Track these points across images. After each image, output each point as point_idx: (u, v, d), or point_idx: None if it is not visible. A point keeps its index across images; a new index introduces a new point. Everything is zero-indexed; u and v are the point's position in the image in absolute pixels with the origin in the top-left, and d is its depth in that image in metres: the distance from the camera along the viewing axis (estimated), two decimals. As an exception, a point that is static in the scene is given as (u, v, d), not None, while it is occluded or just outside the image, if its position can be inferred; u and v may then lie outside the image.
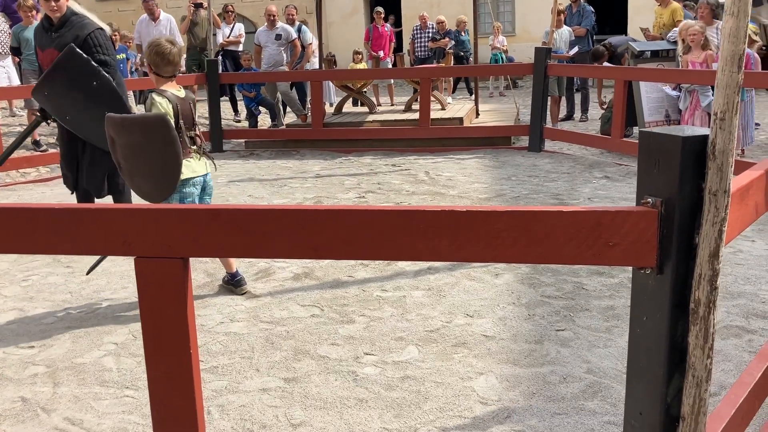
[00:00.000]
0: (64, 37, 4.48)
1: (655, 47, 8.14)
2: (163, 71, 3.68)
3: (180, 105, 3.61)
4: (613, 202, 5.63)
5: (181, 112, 3.61)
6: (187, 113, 3.68)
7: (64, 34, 4.49)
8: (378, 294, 3.86)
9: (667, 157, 1.45)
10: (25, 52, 8.66)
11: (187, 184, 3.66)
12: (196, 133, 3.73)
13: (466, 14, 15.72)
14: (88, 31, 4.47)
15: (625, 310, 3.40)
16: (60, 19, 4.52)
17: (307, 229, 1.69)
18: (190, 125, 3.70)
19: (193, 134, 3.70)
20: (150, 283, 1.78)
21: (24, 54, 8.66)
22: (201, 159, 3.74)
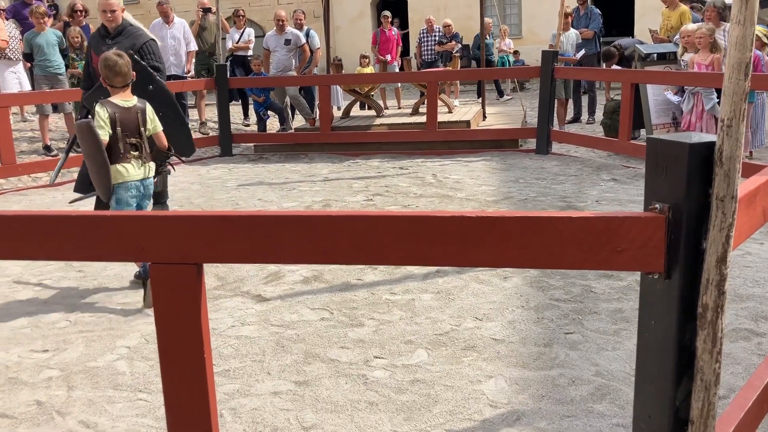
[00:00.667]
0: (121, 44, 4.77)
1: (661, 50, 8.14)
2: (114, 82, 4.02)
3: (120, 114, 3.95)
4: (621, 205, 5.63)
5: (120, 121, 3.94)
6: (130, 122, 4.00)
7: (120, 42, 4.79)
8: (387, 297, 3.88)
9: (674, 164, 1.47)
10: (37, 58, 8.73)
11: (121, 188, 3.99)
12: (139, 140, 4.03)
13: (473, 17, 15.74)
14: (143, 41, 4.84)
15: (634, 313, 3.41)
16: (116, 29, 4.87)
17: (318, 235, 1.72)
18: (132, 133, 4.00)
19: (134, 141, 4.01)
20: (164, 288, 1.81)
21: (36, 60, 8.73)
22: (142, 165, 4.05)
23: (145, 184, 4.09)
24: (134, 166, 4.01)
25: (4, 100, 7.88)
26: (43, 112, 8.67)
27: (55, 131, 9.75)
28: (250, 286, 4.17)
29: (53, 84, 8.79)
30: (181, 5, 19.62)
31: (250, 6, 17.41)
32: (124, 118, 3.97)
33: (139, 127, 4.04)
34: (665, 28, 8.91)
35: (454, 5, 17.77)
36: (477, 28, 10.89)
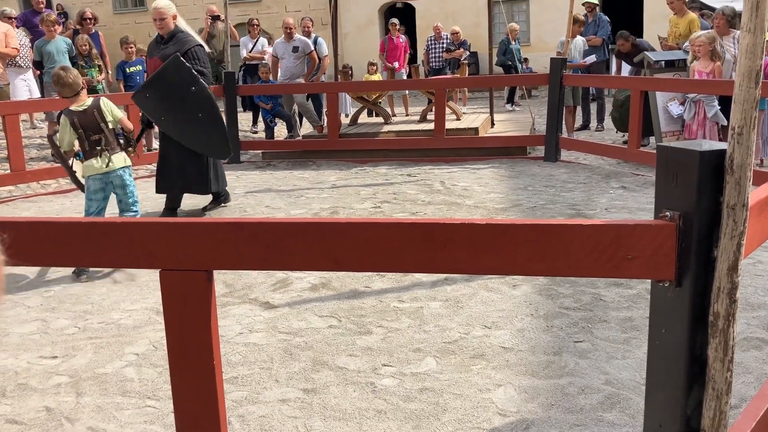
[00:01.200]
0: (169, 49, 5.27)
1: (671, 57, 8.12)
2: (64, 93, 4.63)
3: (77, 117, 4.56)
4: (631, 213, 5.62)
5: (80, 123, 4.54)
6: (88, 121, 4.57)
7: (169, 47, 5.28)
8: (395, 305, 3.88)
9: (684, 171, 1.47)
10: (47, 66, 8.79)
11: (89, 180, 4.63)
12: (101, 135, 4.59)
13: (481, 24, 15.76)
14: (190, 46, 5.28)
15: (644, 322, 3.39)
16: (168, 34, 5.36)
17: (328, 242, 1.72)
18: (94, 130, 4.58)
19: (96, 137, 4.57)
20: (174, 295, 1.81)
21: (46, 68, 8.80)
22: (105, 158, 4.58)
23: (110, 175, 4.65)
24: (99, 161, 4.58)
25: (15, 107, 7.94)
26: (53, 119, 8.72)
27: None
28: (258, 293, 4.18)
29: None
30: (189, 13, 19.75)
31: (258, 13, 17.50)
32: (83, 121, 4.55)
33: (98, 123, 4.57)
34: (673, 35, 8.89)
35: (462, 13, 17.81)
36: (485, 35, 10.89)
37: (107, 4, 20.51)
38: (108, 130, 4.60)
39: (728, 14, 7.55)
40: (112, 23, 19.68)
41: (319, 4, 18.66)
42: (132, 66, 9.52)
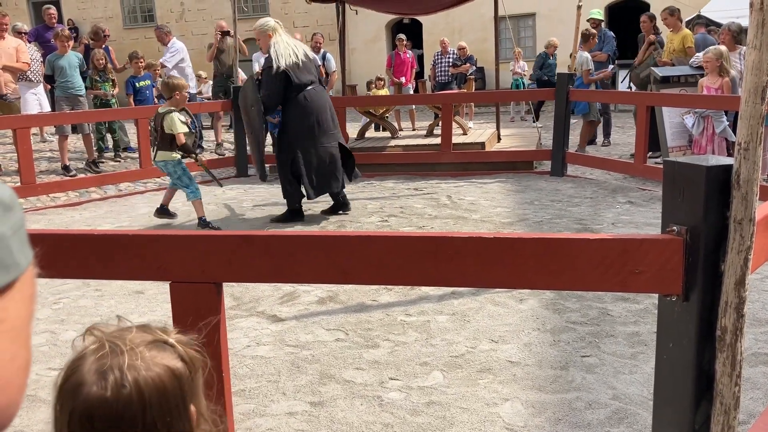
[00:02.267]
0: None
1: (677, 73, 8.15)
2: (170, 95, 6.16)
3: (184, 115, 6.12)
4: (637, 228, 5.61)
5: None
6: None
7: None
8: (402, 318, 3.88)
9: (691, 186, 1.48)
10: (59, 80, 8.88)
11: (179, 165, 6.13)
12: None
13: (488, 39, 15.84)
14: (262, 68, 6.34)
15: (651, 336, 3.39)
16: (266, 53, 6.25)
17: (337, 254, 1.73)
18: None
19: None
20: (184, 307, 1.83)
21: (58, 82, 8.88)
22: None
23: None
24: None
25: (26, 121, 8.01)
26: (63, 132, 8.80)
27: (73, 152, 9.88)
28: (265, 306, 4.19)
29: (74, 105, 8.93)
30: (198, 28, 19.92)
31: (266, 29, 17.62)
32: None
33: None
34: (668, 51, 8.92)
35: (469, 28, 17.90)
36: (491, 50, 10.96)
37: (117, 19, 20.71)
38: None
39: (734, 30, 7.58)
40: (121, 38, 19.86)
41: (327, 19, 18.79)
42: (141, 81, 9.60)
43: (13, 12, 18.20)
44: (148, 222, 6.63)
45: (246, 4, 17.92)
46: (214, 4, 19.70)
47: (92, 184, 8.32)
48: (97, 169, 8.98)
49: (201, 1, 20.02)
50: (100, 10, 20.80)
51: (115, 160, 9.66)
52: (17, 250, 0.43)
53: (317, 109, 6.10)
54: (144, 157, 8.42)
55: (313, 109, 6.07)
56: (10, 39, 9.13)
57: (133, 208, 7.42)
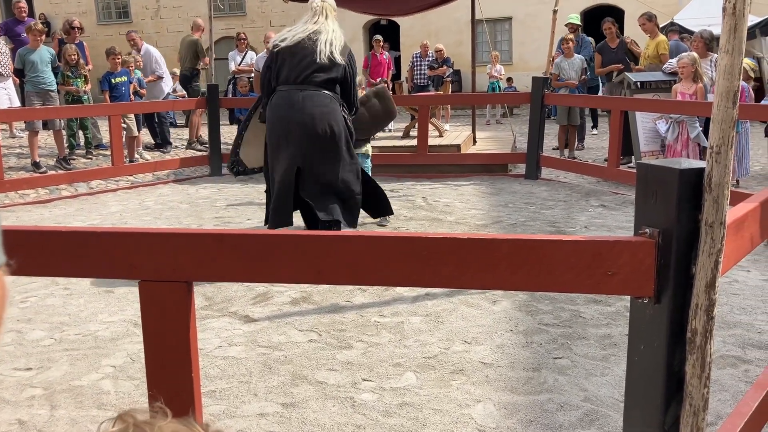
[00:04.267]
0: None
1: (651, 78, 8.25)
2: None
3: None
4: (610, 231, 5.67)
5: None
6: None
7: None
8: (376, 319, 3.87)
9: (664, 189, 1.49)
10: (30, 75, 8.71)
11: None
12: None
13: (464, 42, 15.91)
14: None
15: (622, 339, 3.42)
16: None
17: (310, 254, 1.72)
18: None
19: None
20: (154, 306, 1.79)
21: (28, 76, 8.72)
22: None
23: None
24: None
25: (-6, 115, 7.85)
26: (33, 128, 8.64)
27: (44, 148, 9.72)
28: (237, 306, 4.15)
29: (45, 100, 8.78)
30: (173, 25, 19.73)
31: (242, 27, 17.51)
32: None
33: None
34: (643, 56, 9.03)
35: (446, 31, 17.96)
36: (468, 53, 10.99)
37: (91, 15, 20.42)
38: None
39: (706, 38, 7.70)
40: (95, 34, 19.59)
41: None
42: (117, 77, 9.47)
43: (-17, 5, 17.88)
44: (119, 220, 6.54)
45: (222, 2, 17.79)
46: (189, 1, 19.53)
47: (63, 181, 8.17)
48: (68, 166, 8.84)
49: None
50: (73, 5, 20.50)
51: (86, 157, 9.51)
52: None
53: (285, 119, 4.73)
54: (116, 155, 8.30)
55: (277, 118, 4.76)
56: (-21, 33, 8.95)
57: (105, 206, 7.32)
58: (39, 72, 8.68)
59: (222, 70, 12.96)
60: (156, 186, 8.43)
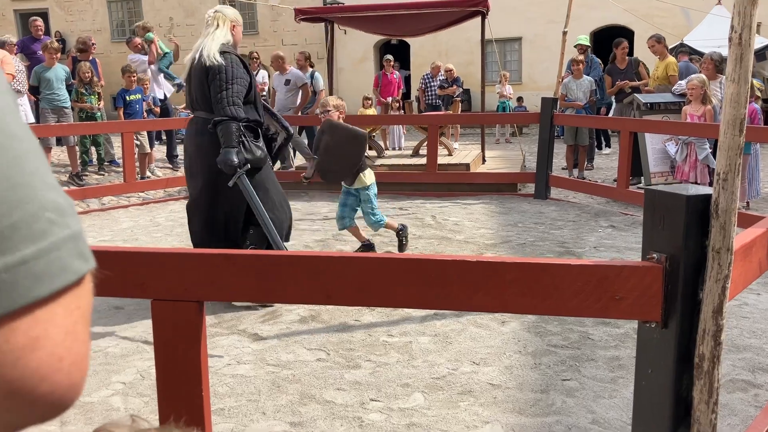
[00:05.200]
0: None
1: (660, 100, 8.27)
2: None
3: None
4: (619, 252, 5.66)
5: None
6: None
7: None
8: (384, 339, 3.87)
9: (671, 215, 1.50)
10: (45, 92, 8.83)
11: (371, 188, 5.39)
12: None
13: (474, 62, 16.00)
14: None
15: (631, 361, 3.40)
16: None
17: (320, 275, 1.74)
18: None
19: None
20: (165, 324, 1.82)
21: (43, 93, 8.83)
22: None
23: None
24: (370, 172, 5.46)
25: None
26: (47, 145, 8.74)
27: (57, 164, 9.82)
28: (246, 324, 4.17)
29: (60, 117, 8.89)
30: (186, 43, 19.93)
31: (255, 46, 17.69)
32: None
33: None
34: (652, 77, 9.06)
35: (456, 51, 18.07)
36: (478, 73, 11.06)
37: (105, 32, 20.69)
38: None
39: (716, 59, 7.72)
40: (109, 51, 19.83)
41: (315, 38, 18.90)
42: (132, 94, 9.57)
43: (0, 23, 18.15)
44: (130, 236, 6.58)
45: (235, 21, 17.99)
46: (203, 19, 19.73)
47: (75, 197, 8.24)
48: (81, 182, 8.92)
49: (190, 16, 20.07)
50: (88, 22, 20.77)
51: (99, 174, 9.60)
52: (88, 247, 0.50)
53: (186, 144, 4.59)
54: (128, 171, 8.38)
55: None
56: (-4, 50, 9.10)
57: (116, 222, 7.37)
58: (54, 89, 8.80)
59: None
60: (167, 202, 8.49)
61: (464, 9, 9.48)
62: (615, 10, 13.71)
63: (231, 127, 4.18)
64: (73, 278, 0.49)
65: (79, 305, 0.51)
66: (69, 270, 0.49)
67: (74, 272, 0.49)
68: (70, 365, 0.50)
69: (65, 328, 0.49)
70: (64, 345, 0.49)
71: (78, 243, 0.51)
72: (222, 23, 4.48)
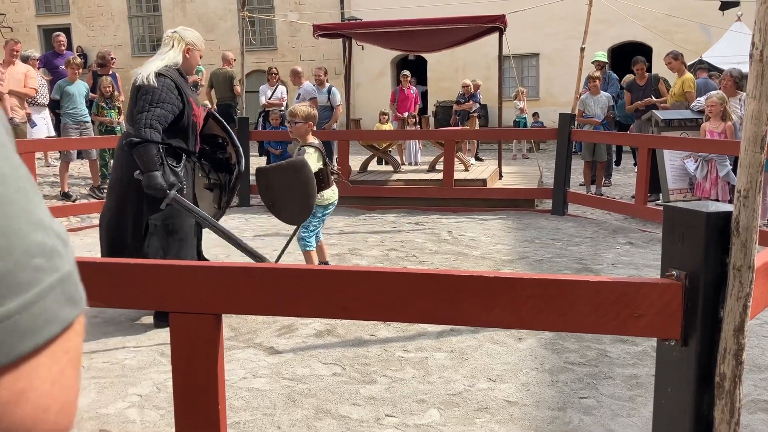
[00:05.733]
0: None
1: (678, 116, 8.23)
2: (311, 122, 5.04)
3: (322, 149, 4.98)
4: (637, 269, 5.61)
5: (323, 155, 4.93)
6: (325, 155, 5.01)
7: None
8: (400, 354, 3.86)
9: (691, 232, 1.49)
10: (68, 106, 8.93)
11: (329, 207, 5.11)
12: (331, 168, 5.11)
13: (491, 78, 16.03)
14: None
15: (649, 379, 3.36)
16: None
17: (337, 289, 1.74)
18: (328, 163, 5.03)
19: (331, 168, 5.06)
20: (183, 337, 1.83)
21: (65, 108, 8.94)
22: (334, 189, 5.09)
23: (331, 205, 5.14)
24: (333, 190, 5.09)
25: (31, 145, 8.07)
26: (68, 158, 8.86)
27: (77, 177, 9.93)
28: (262, 337, 4.17)
29: (81, 131, 9.01)
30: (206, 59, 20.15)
31: (273, 61, 17.85)
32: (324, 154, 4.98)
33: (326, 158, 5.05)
34: (670, 94, 9.02)
35: (473, 66, 18.11)
36: (495, 89, 11.08)
37: (126, 47, 20.98)
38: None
39: (736, 76, 7.67)
40: (129, 66, 20.08)
41: (333, 54, 19.03)
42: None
43: (24, 38, 18.47)
44: (149, 249, 6.62)
45: (254, 37, 18.16)
46: (222, 35, 19.97)
47: (94, 209, 8.32)
48: (102, 195, 9.01)
49: (210, 32, 20.29)
50: (109, 38, 21.08)
51: (118, 187, 9.70)
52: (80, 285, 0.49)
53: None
54: (147, 185, 8.45)
55: None
56: (20, 65, 9.26)
57: (134, 235, 7.42)
58: (76, 104, 8.93)
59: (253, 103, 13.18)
60: (185, 216, 8.54)
61: (482, 25, 9.51)
62: (633, 27, 13.68)
63: (150, 149, 4.13)
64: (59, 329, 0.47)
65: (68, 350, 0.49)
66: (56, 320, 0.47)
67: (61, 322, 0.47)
68: (56, 414, 0.47)
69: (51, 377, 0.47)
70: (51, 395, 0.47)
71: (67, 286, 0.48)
72: (177, 44, 4.44)
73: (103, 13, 21.06)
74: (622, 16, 10.14)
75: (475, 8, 11.68)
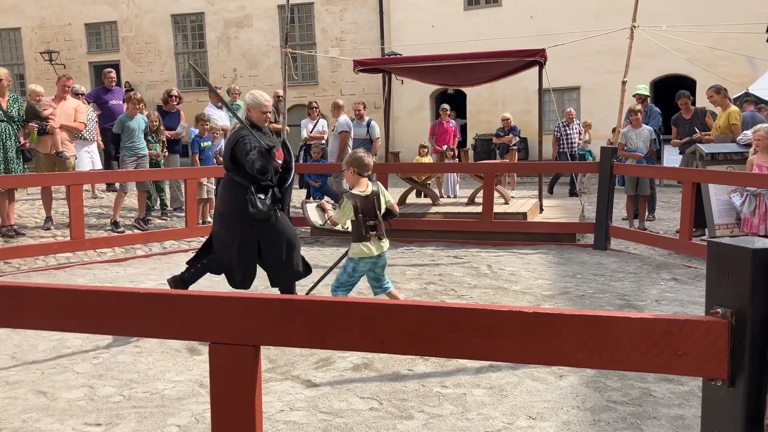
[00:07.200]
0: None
1: (724, 150, 8.07)
2: (362, 172, 4.73)
3: (360, 201, 4.62)
4: (682, 306, 5.47)
5: (361, 208, 4.62)
6: (368, 207, 4.66)
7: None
8: (438, 390, 3.82)
9: (737, 269, 1.45)
10: (128, 140, 9.12)
11: (360, 262, 4.71)
12: (376, 222, 4.67)
13: (531, 112, 15.99)
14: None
15: (696, 421, 3.26)
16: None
17: (374, 323, 1.73)
18: (371, 216, 4.66)
19: (372, 223, 4.65)
20: (222, 368, 1.84)
21: (125, 142, 9.15)
22: (379, 242, 4.71)
23: (380, 257, 4.76)
24: (372, 244, 4.68)
25: (79, 177, 8.31)
26: (124, 189, 9.13)
27: (127, 207, 10.17)
28: (300, 370, 4.17)
29: (139, 164, 9.22)
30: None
31: (314, 95, 18.14)
32: (364, 206, 4.64)
33: (375, 210, 4.69)
34: (715, 127, 8.86)
35: (512, 99, 18.12)
36: (535, 122, 11.04)
37: (172, 82, 21.55)
38: (380, 216, 4.72)
39: (783, 108, 7.51)
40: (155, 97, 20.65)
41: (373, 88, 19.26)
42: (205, 141, 9.90)
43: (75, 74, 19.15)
44: (190, 280, 6.71)
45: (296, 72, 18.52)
46: (265, 70, 20.40)
47: (138, 241, 8.52)
48: (146, 227, 9.20)
49: (253, 68, 20.76)
50: (156, 73, 21.71)
51: (161, 218, 9.90)
52: None
53: None
54: (190, 216, 8.61)
55: None
56: (71, 100, 9.59)
57: (177, 265, 7.54)
58: (135, 138, 9.17)
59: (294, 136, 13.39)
60: (226, 247, 8.65)
61: (522, 59, 9.53)
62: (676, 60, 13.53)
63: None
64: None
65: None
66: None
67: None
68: None
69: None
70: None
71: None
72: (243, 107, 5.29)
73: (150, 50, 21.73)
74: (663, 48, 10.01)
75: (513, 43, 11.72)
